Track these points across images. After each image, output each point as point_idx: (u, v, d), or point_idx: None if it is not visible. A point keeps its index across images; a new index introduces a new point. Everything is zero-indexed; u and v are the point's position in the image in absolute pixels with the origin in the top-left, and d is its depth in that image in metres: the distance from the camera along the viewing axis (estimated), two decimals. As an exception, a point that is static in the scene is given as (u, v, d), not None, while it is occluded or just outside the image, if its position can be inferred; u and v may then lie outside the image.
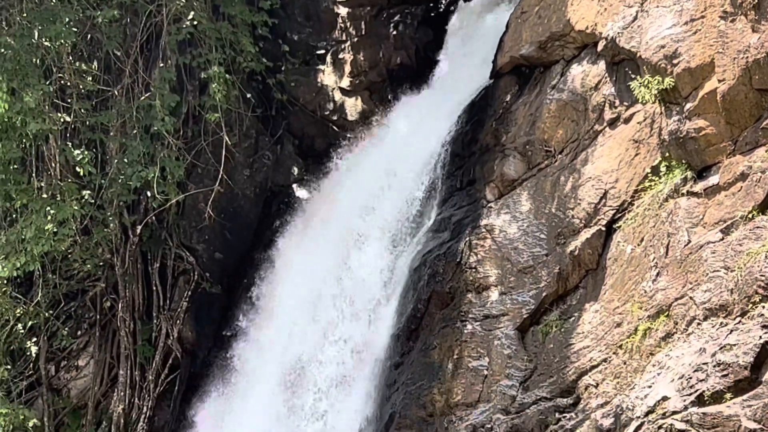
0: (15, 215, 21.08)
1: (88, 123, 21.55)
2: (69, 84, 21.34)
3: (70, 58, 21.32)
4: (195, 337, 22.81)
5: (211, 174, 22.44)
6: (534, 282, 16.11)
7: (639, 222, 14.75)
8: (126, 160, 21.29)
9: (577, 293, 15.62)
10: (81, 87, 21.51)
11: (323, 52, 24.08)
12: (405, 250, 19.47)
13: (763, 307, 12.39)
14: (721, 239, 13.31)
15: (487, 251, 16.94)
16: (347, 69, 23.60)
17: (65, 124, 21.13)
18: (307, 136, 24.15)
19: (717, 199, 13.65)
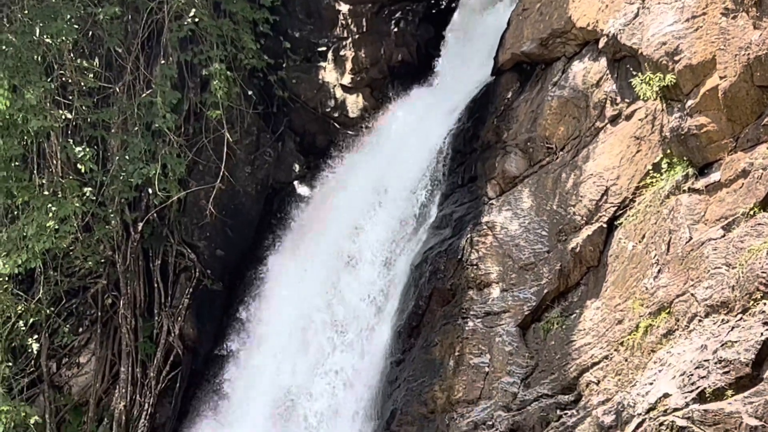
0: (16, 212, 21.08)
1: (89, 120, 21.54)
2: (70, 81, 21.33)
3: (72, 55, 21.31)
4: (196, 333, 22.82)
5: (213, 171, 22.43)
6: (535, 279, 16.11)
7: (640, 219, 14.75)
8: (127, 157, 21.29)
9: (579, 290, 15.62)
10: (82, 84, 21.50)
11: (324, 49, 24.08)
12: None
13: (765, 303, 12.39)
14: (723, 236, 13.31)
15: (489, 248, 16.95)
16: (348, 66, 23.60)
17: (66, 121, 21.12)
18: (309, 133, 24.15)
19: (718, 196, 13.65)
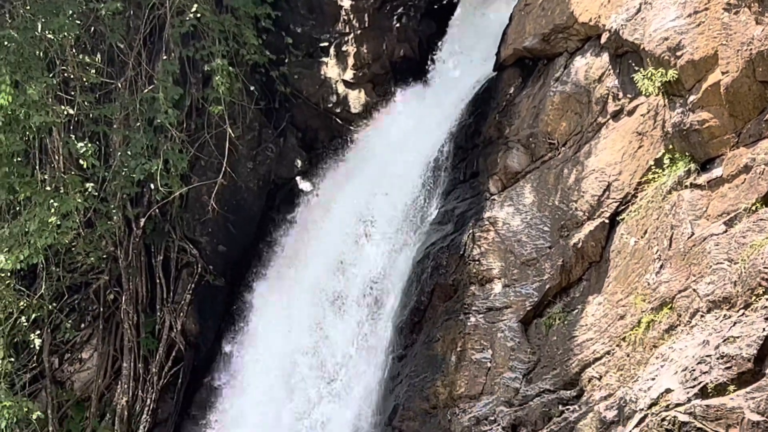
0: (18, 208, 21.07)
1: (91, 115, 21.53)
2: (72, 76, 21.32)
3: (74, 51, 21.29)
4: (198, 329, 22.83)
5: (215, 167, 22.42)
6: (537, 274, 16.12)
7: (642, 214, 14.75)
8: (129, 153, 21.29)
9: (581, 286, 15.63)
10: (84, 79, 21.48)
11: (326, 44, 24.05)
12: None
13: (767, 299, 12.40)
14: (725, 231, 13.31)
15: (491, 243, 16.95)
16: (350, 61, 23.58)
17: (68, 117, 21.12)
18: (311, 128, 24.14)
19: (720, 192, 13.65)
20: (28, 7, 20.00)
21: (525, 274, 16.31)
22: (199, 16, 21.83)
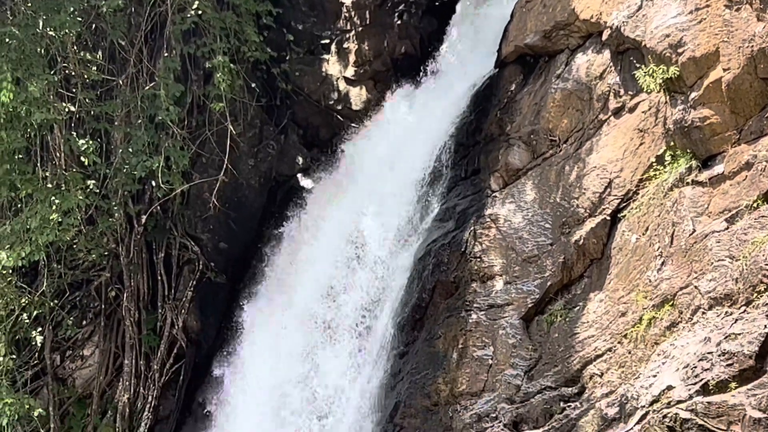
0: (20, 205, 21.09)
1: (92, 113, 21.55)
2: (74, 73, 21.33)
3: (75, 48, 21.29)
4: (200, 326, 22.85)
5: (216, 164, 22.42)
6: (539, 271, 16.12)
7: (644, 211, 14.74)
8: (131, 150, 21.29)
9: (582, 283, 15.63)
10: (85, 76, 21.49)
11: (328, 41, 24.05)
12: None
13: (768, 296, 12.41)
14: (726, 228, 13.31)
15: (492, 240, 16.95)
16: (352, 58, 23.58)
17: (70, 114, 21.13)
18: (312, 125, 24.14)
19: (722, 189, 13.64)
20: (30, 4, 20.02)
21: (526, 271, 16.30)
22: (200, 13, 21.83)
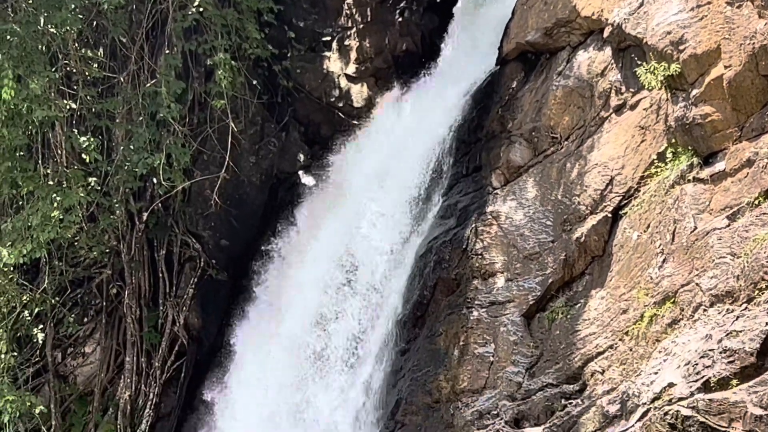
0: (21, 202, 21.11)
1: (94, 110, 21.55)
2: (75, 71, 21.34)
3: (76, 45, 21.31)
4: (201, 323, 22.86)
5: (217, 161, 22.43)
6: (540, 268, 16.11)
7: (645, 208, 14.74)
8: (132, 147, 21.30)
9: (583, 280, 15.62)
10: (87, 74, 21.50)
11: (329, 38, 24.05)
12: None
13: (770, 293, 12.40)
14: (728, 226, 13.30)
15: (493, 238, 16.95)
16: (353, 55, 23.58)
17: (71, 111, 21.14)
18: (313, 122, 24.14)
19: (723, 186, 13.64)
20: (31, 2, 20.02)
21: (528, 269, 16.30)
22: (201, 10, 21.83)
